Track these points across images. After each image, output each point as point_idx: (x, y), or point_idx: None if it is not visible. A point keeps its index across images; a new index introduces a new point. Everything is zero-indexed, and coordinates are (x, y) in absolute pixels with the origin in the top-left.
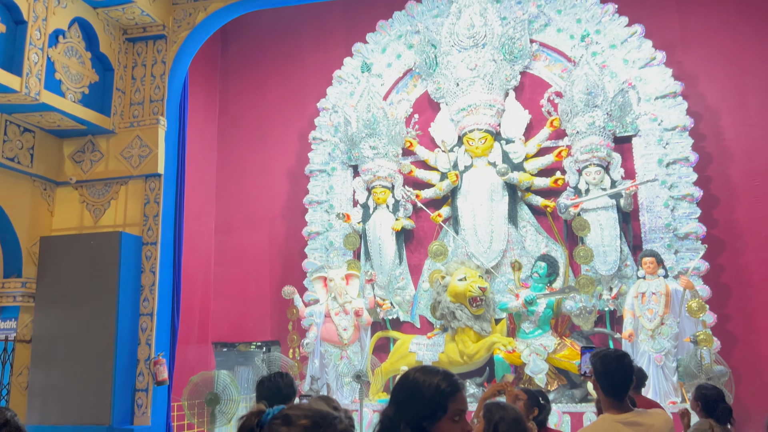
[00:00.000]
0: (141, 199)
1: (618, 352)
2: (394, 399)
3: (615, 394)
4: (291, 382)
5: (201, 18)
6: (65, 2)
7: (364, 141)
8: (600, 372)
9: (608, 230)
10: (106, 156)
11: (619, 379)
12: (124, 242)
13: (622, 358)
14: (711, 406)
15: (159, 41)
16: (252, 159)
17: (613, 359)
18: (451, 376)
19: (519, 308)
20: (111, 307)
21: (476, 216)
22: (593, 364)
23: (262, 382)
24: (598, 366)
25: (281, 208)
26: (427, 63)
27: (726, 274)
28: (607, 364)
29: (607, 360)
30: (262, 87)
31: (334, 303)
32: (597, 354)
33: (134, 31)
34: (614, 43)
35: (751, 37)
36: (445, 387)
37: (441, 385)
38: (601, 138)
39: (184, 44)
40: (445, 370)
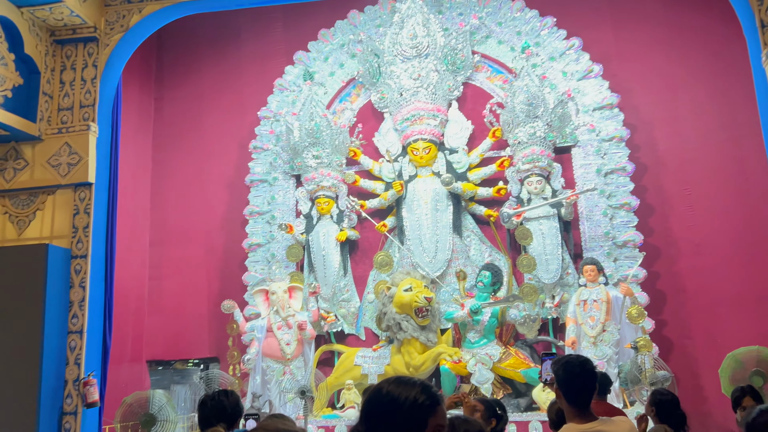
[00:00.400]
0: (70, 210)
1: (581, 358)
2: (366, 416)
3: (578, 402)
4: (237, 401)
5: (135, 20)
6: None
7: (307, 150)
8: (562, 379)
9: (550, 239)
10: (31, 164)
11: (583, 385)
12: (51, 255)
13: (585, 364)
14: (666, 412)
15: (90, 44)
16: (189, 169)
17: (576, 365)
18: (429, 389)
19: (464, 318)
20: (36, 325)
21: (421, 226)
22: (555, 371)
23: (205, 402)
24: (561, 373)
25: (220, 220)
26: (370, 72)
27: (661, 281)
28: (570, 371)
29: (569, 366)
30: (200, 95)
31: (277, 317)
32: (559, 361)
33: (63, 32)
34: (553, 55)
35: (681, 53)
36: (424, 400)
37: (419, 398)
38: (542, 148)
39: (117, 47)
40: (422, 382)
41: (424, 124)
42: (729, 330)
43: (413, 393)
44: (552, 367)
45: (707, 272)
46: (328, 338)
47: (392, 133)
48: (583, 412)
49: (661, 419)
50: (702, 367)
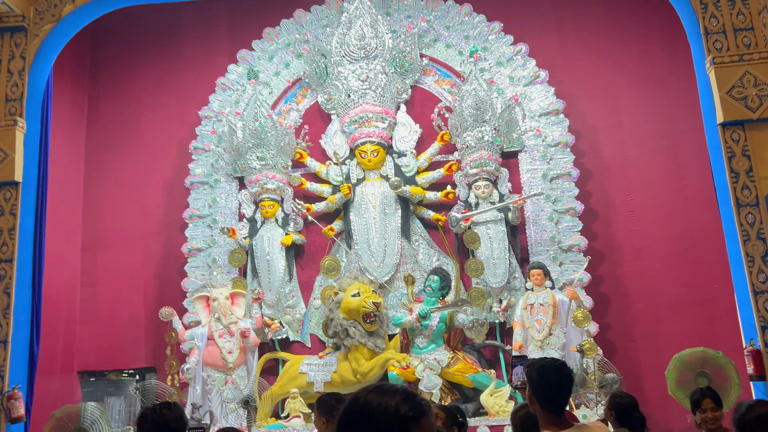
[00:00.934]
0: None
1: (557, 362)
2: (341, 428)
3: (553, 408)
4: (180, 415)
5: (68, 11)
6: None
7: (250, 152)
8: (537, 384)
9: (497, 243)
10: None
11: (559, 390)
12: None
13: (561, 368)
14: (626, 415)
15: (18, 34)
16: (125, 170)
17: (552, 370)
18: (413, 397)
19: (413, 323)
20: None
21: (369, 230)
22: (529, 375)
23: (145, 416)
24: (535, 377)
25: (158, 224)
26: (317, 73)
27: (605, 284)
28: (546, 376)
29: (545, 371)
30: (138, 93)
31: (218, 324)
32: (534, 364)
33: None
34: (500, 60)
35: (623, 61)
36: (407, 411)
37: (401, 409)
38: (489, 153)
39: (48, 38)
40: (405, 389)
41: (372, 127)
42: (670, 332)
43: (394, 402)
44: (525, 371)
45: (649, 276)
46: (273, 346)
47: (339, 136)
48: (558, 418)
49: (621, 423)
50: (644, 369)
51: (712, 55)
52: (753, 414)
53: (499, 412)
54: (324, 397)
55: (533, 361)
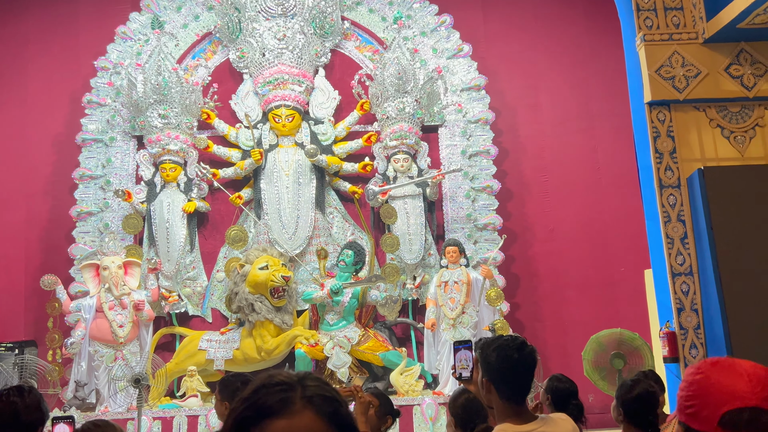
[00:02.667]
0: None
1: (517, 340)
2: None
3: (515, 396)
4: (36, 403)
5: None
6: None
7: (152, 108)
8: (495, 367)
9: (414, 218)
10: None
11: (523, 375)
12: None
13: (523, 348)
14: (563, 401)
15: None
16: (8, 122)
17: (513, 349)
18: (255, 394)
19: (324, 299)
20: None
21: (281, 199)
22: (484, 357)
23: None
24: (494, 359)
25: (44, 183)
26: (229, 28)
27: (516, 264)
28: (506, 357)
29: (505, 351)
30: (24, 37)
31: (108, 295)
32: (490, 344)
33: None
34: (424, 30)
35: (544, 41)
36: (243, 411)
37: (237, 409)
38: (410, 125)
39: None
40: (257, 384)
41: (287, 90)
42: (577, 313)
43: (235, 402)
44: (478, 352)
45: (559, 257)
46: (170, 320)
47: (252, 97)
48: (519, 408)
49: (557, 408)
50: (551, 350)
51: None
52: (634, 393)
53: (408, 391)
54: (228, 378)
55: (488, 340)
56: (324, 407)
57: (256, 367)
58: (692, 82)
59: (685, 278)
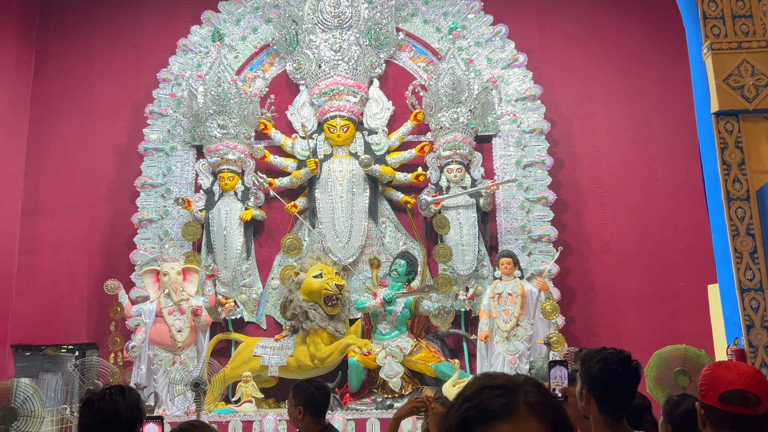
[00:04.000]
0: None
1: (621, 354)
2: None
3: (615, 410)
4: (136, 403)
5: None
6: None
7: (211, 119)
8: (597, 380)
9: (467, 229)
10: None
11: (624, 389)
12: None
13: (627, 362)
14: (636, 417)
15: None
16: (73, 132)
17: (618, 363)
18: (479, 394)
19: (376, 308)
20: None
21: (335, 209)
22: (586, 368)
23: (91, 402)
24: (596, 371)
25: (107, 191)
26: (286, 40)
27: (572, 277)
28: (610, 371)
29: (609, 364)
30: (90, 50)
31: (168, 301)
32: (592, 356)
33: None
34: (479, 40)
35: (600, 51)
36: (467, 411)
37: (461, 407)
38: (463, 135)
39: None
40: (484, 384)
41: (343, 100)
42: (634, 328)
43: (457, 400)
44: (579, 363)
45: (615, 270)
46: (225, 326)
47: (308, 108)
48: (617, 425)
49: (630, 424)
50: None
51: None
52: (681, 409)
53: None
54: (302, 383)
55: (592, 351)
56: (547, 414)
57: (310, 375)
58: (762, 92)
59: (755, 294)
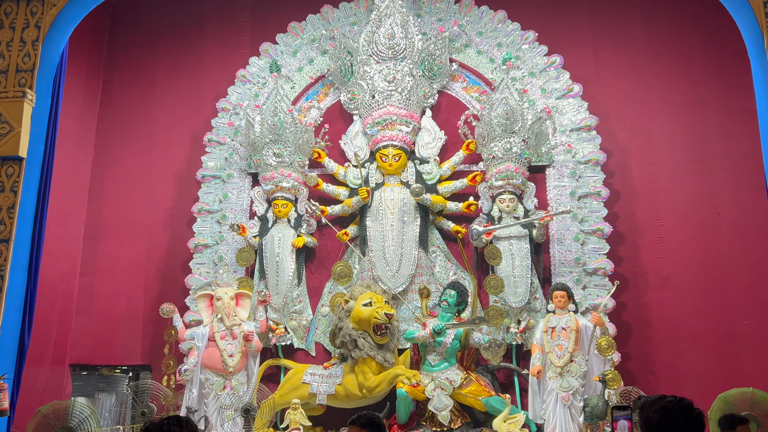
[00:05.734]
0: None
1: (683, 402)
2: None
3: None
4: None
5: None
6: None
7: (267, 147)
8: (657, 430)
9: (519, 260)
10: None
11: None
12: None
13: (689, 411)
14: None
15: (35, 2)
16: (134, 159)
17: (679, 413)
18: None
19: (426, 338)
20: None
21: (386, 237)
22: (645, 418)
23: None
24: (655, 421)
25: (165, 216)
26: (341, 71)
27: (628, 312)
28: (670, 421)
29: (669, 414)
30: (153, 80)
31: (220, 325)
32: (652, 405)
33: None
34: (533, 71)
35: (657, 81)
36: None
37: None
38: (516, 165)
39: (66, 9)
40: None
41: (395, 130)
42: (693, 367)
43: None
44: (638, 411)
45: (674, 306)
46: (275, 352)
47: (361, 137)
48: None
49: None
50: None
51: None
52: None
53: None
54: (377, 420)
55: (650, 400)
56: None
57: (358, 404)
58: None
59: None
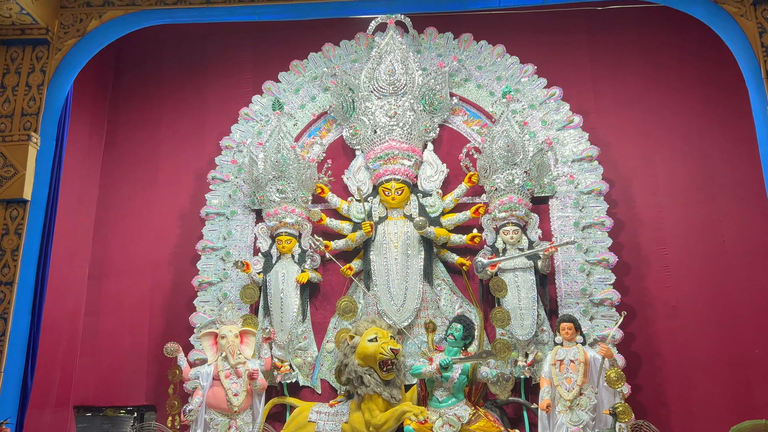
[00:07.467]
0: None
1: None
2: None
3: None
4: None
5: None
6: None
7: (270, 184)
8: None
9: (525, 292)
10: None
11: None
12: None
13: None
14: None
15: (40, 47)
16: (139, 197)
17: None
18: None
19: (433, 374)
20: None
21: (390, 271)
22: None
23: None
24: None
25: (169, 254)
26: (343, 107)
27: (637, 343)
28: None
29: None
30: (157, 120)
31: (225, 364)
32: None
33: (9, 32)
34: (533, 103)
35: (658, 110)
36: None
37: None
38: (519, 197)
39: (71, 54)
40: None
41: (397, 164)
42: (705, 398)
43: None
44: None
45: (683, 336)
46: (281, 390)
47: (363, 171)
48: None
49: None
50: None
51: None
52: None
53: None
54: None
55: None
56: None
57: None
58: None
59: None
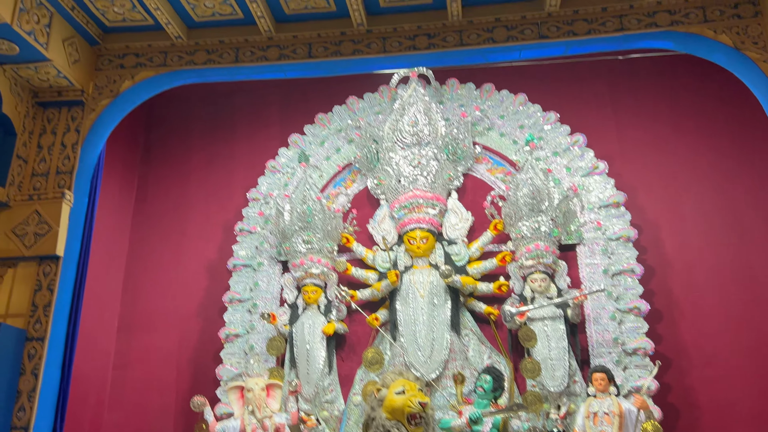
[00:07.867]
0: (31, 285)
1: None
2: None
3: None
4: None
5: (126, 86)
6: None
7: (297, 234)
8: None
9: (555, 342)
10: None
11: None
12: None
13: None
14: None
15: (75, 108)
16: (168, 252)
17: None
18: None
19: (462, 427)
20: None
21: (416, 321)
22: None
23: None
24: None
25: (197, 306)
26: (368, 158)
27: (673, 394)
28: None
29: None
30: (187, 175)
31: (252, 418)
32: None
33: (47, 94)
34: (557, 150)
35: (684, 154)
36: None
37: None
38: (546, 244)
39: (104, 113)
40: None
41: (422, 213)
42: None
43: None
44: None
45: (722, 386)
46: None
47: (388, 221)
48: None
49: None
50: None
51: None
52: None
53: None
54: None
55: None
56: None
57: None
58: None
59: None
